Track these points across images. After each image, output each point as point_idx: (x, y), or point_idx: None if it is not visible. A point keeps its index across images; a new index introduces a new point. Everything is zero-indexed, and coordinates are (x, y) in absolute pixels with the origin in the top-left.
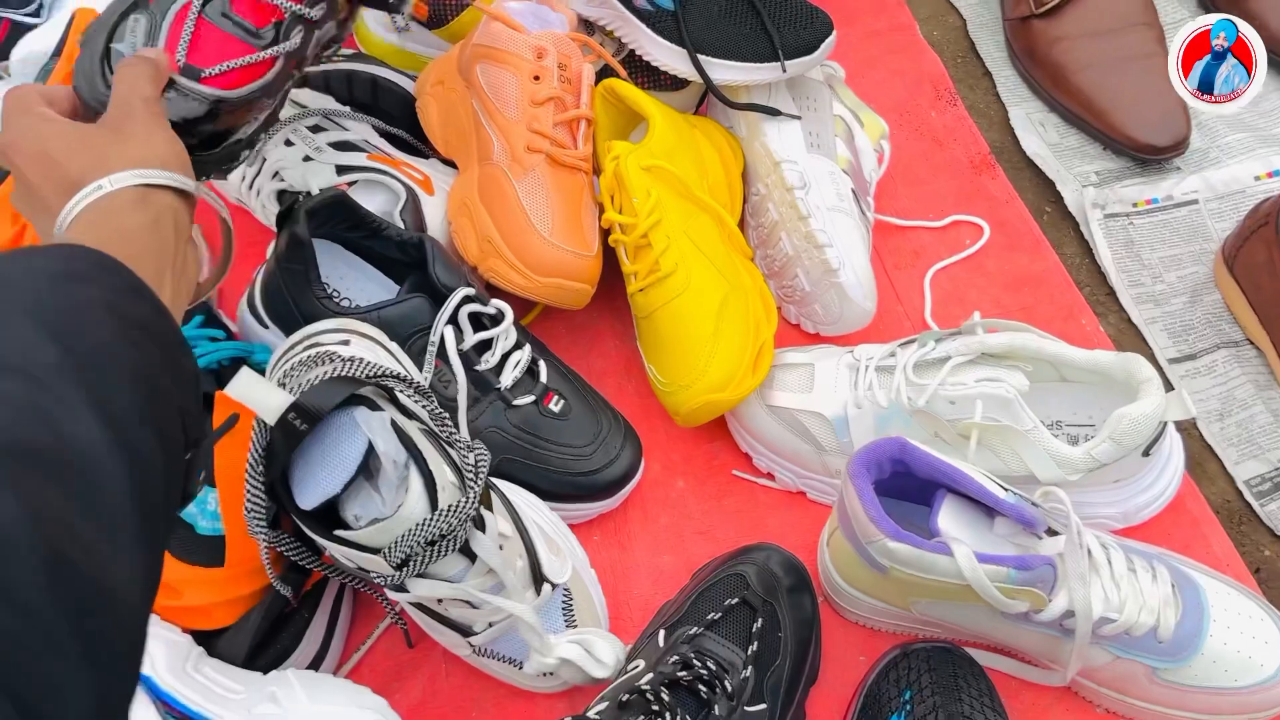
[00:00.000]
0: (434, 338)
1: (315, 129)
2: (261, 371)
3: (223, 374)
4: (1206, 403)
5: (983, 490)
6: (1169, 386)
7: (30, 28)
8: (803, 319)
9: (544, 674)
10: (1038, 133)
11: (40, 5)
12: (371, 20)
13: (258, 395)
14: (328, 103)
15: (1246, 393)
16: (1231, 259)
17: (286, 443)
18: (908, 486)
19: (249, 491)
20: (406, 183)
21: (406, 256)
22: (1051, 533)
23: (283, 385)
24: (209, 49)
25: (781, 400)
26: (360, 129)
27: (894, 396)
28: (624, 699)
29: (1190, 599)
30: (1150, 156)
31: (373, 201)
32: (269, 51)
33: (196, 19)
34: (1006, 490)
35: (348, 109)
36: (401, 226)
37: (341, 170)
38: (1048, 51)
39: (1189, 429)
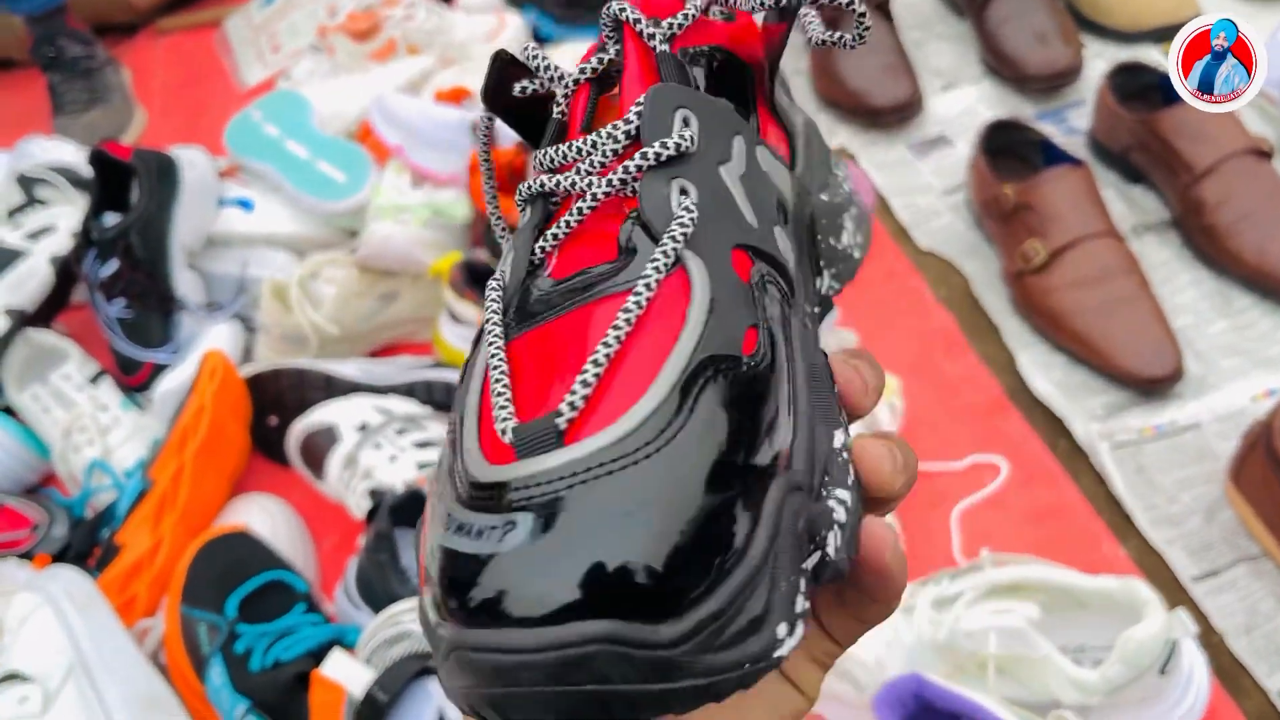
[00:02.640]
0: None
1: (400, 432)
2: (353, 650)
3: (320, 654)
4: (1233, 617)
5: (991, 717)
6: (1192, 605)
7: (167, 366)
8: None
9: None
10: (1044, 374)
11: (177, 347)
12: (447, 331)
13: (347, 674)
14: (412, 407)
15: (1269, 605)
16: (1237, 477)
17: (372, 713)
18: (941, 718)
19: None
20: None
21: None
22: None
23: (369, 663)
24: None
25: None
26: (438, 428)
27: (918, 634)
28: None
29: None
30: (1150, 388)
31: None
32: None
33: None
34: (1019, 715)
35: (429, 409)
36: None
37: (422, 466)
38: (1043, 302)
39: (1219, 644)
